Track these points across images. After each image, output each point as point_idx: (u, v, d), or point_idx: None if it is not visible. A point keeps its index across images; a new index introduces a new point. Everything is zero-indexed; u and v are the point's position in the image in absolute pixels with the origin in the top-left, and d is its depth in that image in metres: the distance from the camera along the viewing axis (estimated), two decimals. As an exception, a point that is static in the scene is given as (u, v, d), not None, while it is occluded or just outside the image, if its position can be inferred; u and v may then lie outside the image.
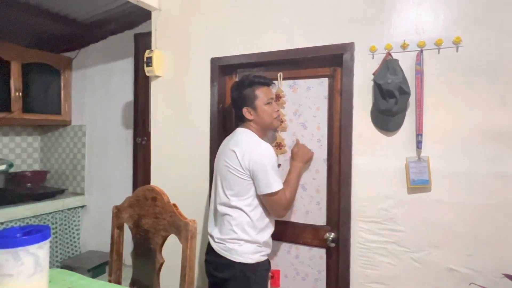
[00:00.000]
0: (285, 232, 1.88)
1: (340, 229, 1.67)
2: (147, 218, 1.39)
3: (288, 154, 1.88)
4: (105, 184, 3.18)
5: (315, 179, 1.82)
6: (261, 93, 1.63)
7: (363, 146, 1.62)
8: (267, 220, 1.61)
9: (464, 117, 1.46)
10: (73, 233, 3.20)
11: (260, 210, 1.58)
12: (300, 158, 1.76)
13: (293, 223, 1.87)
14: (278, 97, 1.89)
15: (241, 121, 1.69)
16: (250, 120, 1.65)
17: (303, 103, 1.85)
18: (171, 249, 1.49)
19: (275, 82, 1.85)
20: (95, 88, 3.23)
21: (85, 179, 3.28)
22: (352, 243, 1.64)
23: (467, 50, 1.45)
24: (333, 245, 1.75)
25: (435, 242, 1.50)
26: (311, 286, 1.84)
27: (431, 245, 1.51)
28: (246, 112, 1.64)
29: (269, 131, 1.80)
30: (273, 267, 1.92)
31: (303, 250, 1.86)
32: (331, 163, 1.78)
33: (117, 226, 1.51)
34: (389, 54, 1.55)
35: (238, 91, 1.67)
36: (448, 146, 1.48)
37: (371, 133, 1.60)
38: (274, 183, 1.52)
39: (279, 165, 1.89)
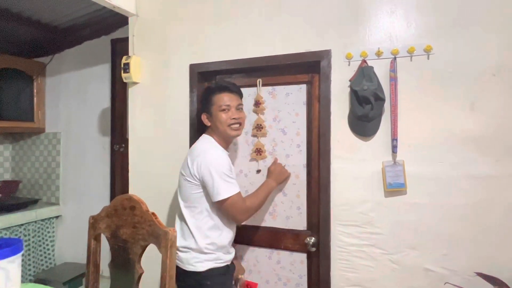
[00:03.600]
0: (265, 237, 1.88)
1: (320, 234, 1.69)
2: (125, 228, 1.36)
3: (268, 159, 1.89)
4: (81, 193, 3.09)
5: (295, 184, 1.84)
6: (218, 99, 1.61)
7: (341, 151, 1.65)
8: (222, 227, 1.59)
9: (436, 122, 1.51)
10: (47, 244, 3.08)
11: (213, 217, 1.57)
12: (274, 176, 1.74)
13: (274, 228, 1.88)
14: (257, 103, 1.90)
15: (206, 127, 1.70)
16: (209, 128, 1.67)
17: (282, 109, 1.87)
18: (150, 259, 1.46)
19: (255, 88, 1.86)
20: (70, 95, 3.14)
21: (60, 188, 3.16)
22: (332, 247, 1.66)
23: (438, 58, 1.51)
24: (313, 249, 1.76)
25: (412, 244, 1.54)
26: None
27: (408, 247, 1.55)
28: (203, 118, 1.66)
29: (227, 140, 1.68)
30: (255, 273, 1.92)
31: (284, 255, 1.86)
32: (311, 168, 1.80)
33: (94, 237, 1.47)
34: (364, 61, 1.59)
35: (201, 97, 1.71)
36: (422, 150, 1.53)
37: (348, 138, 1.64)
38: (222, 191, 1.49)
39: (258, 171, 1.92)
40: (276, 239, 1.87)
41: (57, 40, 3.08)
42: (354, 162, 1.63)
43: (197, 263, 1.53)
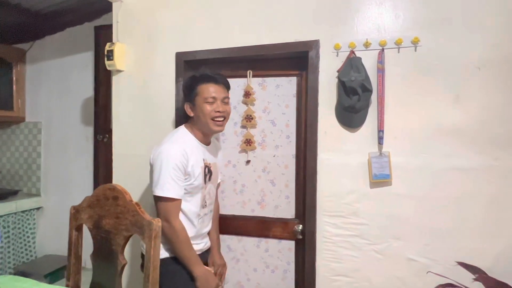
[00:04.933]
0: (254, 227, 1.89)
1: (306, 224, 1.70)
2: (108, 219, 1.33)
3: (259, 150, 1.89)
4: (63, 184, 3.01)
5: (284, 174, 1.86)
6: (203, 90, 1.54)
7: (328, 142, 1.65)
8: (183, 217, 1.51)
9: (422, 113, 1.52)
10: (28, 236, 3.00)
11: None
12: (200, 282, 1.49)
13: (263, 217, 1.89)
14: (247, 94, 1.88)
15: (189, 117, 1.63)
16: (191, 118, 1.60)
17: (272, 101, 1.88)
18: (133, 250, 1.44)
19: (246, 79, 1.84)
20: (52, 83, 3.04)
21: (41, 179, 3.08)
22: (318, 238, 1.67)
23: (424, 50, 1.52)
24: (301, 237, 1.78)
25: (396, 234, 1.56)
26: (281, 277, 1.87)
27: (392, 237, 1.57)
28: (186, 108, 1.59)
29: (207, 133, 1.61)
30: (242, 262, 1.92)
31: (272, 243, 1.87)
32: (300, 158, 1.82)
33: (75, 228, 1.43)
34: (352, 52, 1.59)
35: (184, 86, 1.64)
36: (407, 142, 1.54)
37: (335, 129, 1.64)
38: (159, 187, 1.42)
39: (248, 161, 1.91)
40: (264, 228, 1.87)
41: (38, 26, 2.96)
42: (340, 153, 1.63)
43: (162, 250, 1.46)
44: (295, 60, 1.78)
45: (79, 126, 2.95)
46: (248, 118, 1.89)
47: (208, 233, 1.73)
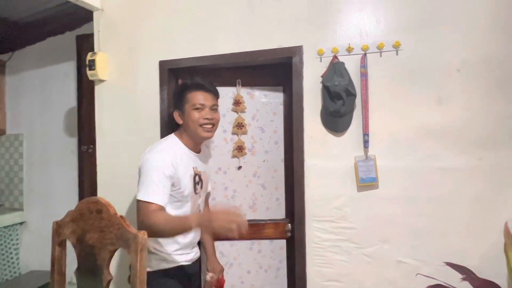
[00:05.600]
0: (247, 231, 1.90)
1: (295, 230, 1.69)
2: (92, 233, 1.29)
3: (249, 156, 1.93)
4: (47, 197, 2.93)
5: (274, 178, 1.93)
6: (192, 97, 1.52)
7: (315, 147, 1.65)
8: None
9: (405, 116, 1.54)
10: (11, 253, 2.91)
11: None
12: (207, 223, 1.29)
13: (255, 220, 1.91)
14: (238, 102, 1.93)
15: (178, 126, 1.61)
16: (181, 126, 1.57)
17: (260, 109, 1.94)
18: (119, 264, 1.40)
19: (235, 88, 1.89)
20: (33, 94, 2.96)
21: (23, 193, 2.99)
22: (308, 243, 1.66)
23: (406, 53, 1.54)
24: (289, 234, 1.84)
25: (384, 237, 1.57)
26: (274, 276, 1.92)
27: (381, 240, 1.57)
28: (175, 115, 1.57)
29: (197, 140, 1.57)
30: (236, 266, 1.93)
31: (264, 244, 1.93)
32: (288, 162, 1.90)
33: (58, 244, 1.38)
34: (335, 57, 1.60)
35: (174, 94, 1.63)
36: (392, 144, 1.56)
37: (321, 134, 1.64)
38: (142, 191, 1.38)
39: (239, 167, 1.93)
40: (257, 230, 1.91)
41: (17, 36, 2.90)
42: (327, 157, 1.64)
43: (149, 263, 1.44)
44: (280, 66, 1.79)
45: (62, 137, 2.89)
46: (239, 126, 1.94)
47: (201, 241, 1.70)
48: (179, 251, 1.53)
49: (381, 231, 1.57)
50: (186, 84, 1.57)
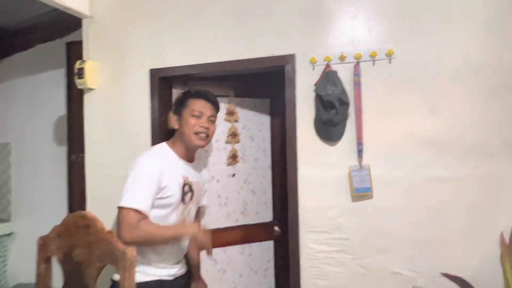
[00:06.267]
0: (238, 235, 1.99)
1: (289, 242, 1.66)
2: (79, 249, 1.25)
3: (240, 164, 2.01)
4: (36, 208, 2.85)
5: (262, 184, 2.08)
6: (192, 103, 1.53)
7: (308, 156, 1.63)
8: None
9: (400, 125, 1.53)
10: (-2, 265, 2.83)
11: None
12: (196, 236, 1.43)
13: (246, 225, 2.01)
14: (231, 112, 1.99)
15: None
16: (176, 132, 1.56)
17: (250, 119, 2.06)
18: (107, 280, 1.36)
19: (228, 97, 1.96)
20: (22, 101, 2.90)
21: (12, 203, 2.91)
22: (302, 255, 1.63)
23: (399, 62, 1.53)
24: (277, 229, 2.06)
25: (380, 247, 1.54)
26: (263, 276, 2.05)
27: (376, 251, 1.55)
28: (173, 119, 1.56)
29: (189, 147, 1.54)
30: (229, 271, 1.95)
31: (255, 246, 2.03)
32: (274, 168, 2.10)
33: (44, 260, 1.34)
34: (328, 65, 1.58)
35: (176, 99, 1.64)
36: (386, 154, 1.54)
37: (314, 143, 1.62)
38: (124, 198, 1.35)
39: (233, 175, 1.98)
40: (248, 234, 2.01)
41: (7, 43, 2.85)
42: (321, 167, 1.61)
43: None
44: (270, 78, 1.84)
45: (52, 146, 2.82)
46: (233, 135, 1.99)
47: (187, 256, 1.66)
48: (161, 264, 1.48)
49: (376, 242, 1.54)
50: (189, 91, 1.60)
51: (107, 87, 1.96)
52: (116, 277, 1.38)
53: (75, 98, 2.73)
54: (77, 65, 1.91)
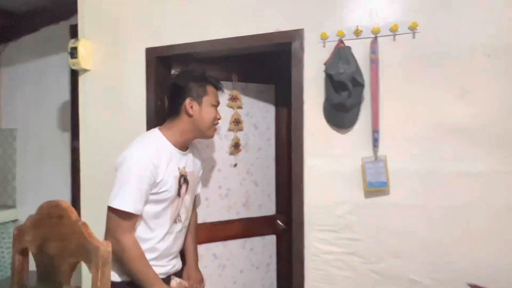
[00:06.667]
0: (240, 229, 1.89)
1: (293, 240, 1.49)
2: (52, 241, 1.12)
3: (243, 153, 1.88)
4: (41, 194, 2.79)
5: (266, 174, 1.96)
6: (212, 92, 1.42)
7: (316, 145, 1.45)
8: (144, 235, 1.33)
9: (424, 110, 1.32)
10: (3, 252, 2.80)
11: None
12: None
13: (247, 218, 1.91)
14: (235, 98, 1.85)
15: (170, 117, 1.42)
16: (180, 118, 1.38)
17: (254, 106, 1.92)
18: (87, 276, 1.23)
19: (232, 82, 1.83)
20: (27, 87, 2.84)
21: (16, 189, 2.88)
22: (306, 255, 1.46)
23: (424, 36, 1.31)
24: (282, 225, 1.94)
25: (396, 251, 1.35)
26: (264, 271, 1.96)
27: (391, 255, 1.36)
28: (188, 104, 1.37)
29: (196, 138, 1.47)
30: (229, 266, 1.87)
31: (256, 241, 1.93)
32: (279, 158, 1.97)
33: (20, 252, 1.22)
34: (341, 41, 1.38)
35: (187, 79, 1.42)
36: (407, 144, 1.33)
37: (324, 130, 1.43)
38: (114, 197, 1.25)
39: (235, 165, 1.82)
40: (249, 227, 1.91)
41: (11, 27, 2.79)
42: (330, 158, 1.43)
43: (113, 272, 1.28)
44: (278, 60, 1.71)
45: (57, 133, 2.76)
46: (236, 122, 1.86)
47: (184, 248, 1.55)
48: (152, 261, 1.34)
49: (392, 244, 1.35)
50: (207, 75, 1.44)
51: (103, 68, 1.84)
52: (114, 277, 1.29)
53: (78, 83, 2.64)
54: (70, 44, 1.80)
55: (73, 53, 1.77)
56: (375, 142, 1.34)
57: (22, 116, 2.87)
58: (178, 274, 1.52)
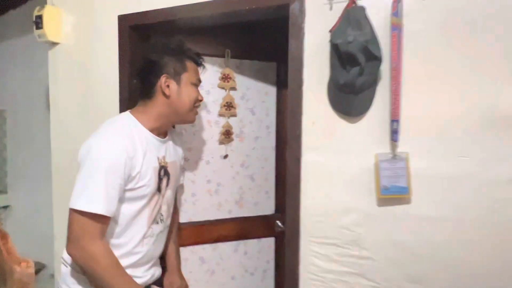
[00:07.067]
0: (232, 230, 1.70)
1: (286, 254, 1.23)
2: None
3: (236, 143, 1.66)
4: (33, 179, 2.69)
5: (264, 168, 1.75)
6: (191, 68, 1.21)
7: (317, 137, 1.17)
8: (117, 241, 1.12)
9: (461, 96, 1.01)
10: (-7, 239, 2.70)
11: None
12: None
13: (241, 218, 1.72)
14: (227, 77, 1.61)
15: (142, 98, 1.19)
16: (155, 100, 1.16)
17: (251, 87, 1.68)
18: None
19: (224, 58, 1.58)
20: (17, 65, 2.68)
21: (8, 174, 2.77)
22: (302, 273, 1.20)
23: (468, -7, 0.98)
24: (281, 227, 1.71)
25: (416, 275, 1.08)
26: (260, 278, 1.78)
27: (410, 280, 1.09)
28: (163, 82, 1.14)
29: (173, 122, 1.28)
30: (218, 272, 1.70)
31: (251, 244, 1.75)
32: (280, 150, 1.74)
33: None
34: (353, 1, 1.06)
35: (162, 52, 1.18)
36: (436, 138, 1.04)
37: (327, 118, 1.15)
38: (81, 197, 1.02)
39: (225, 156, 1.64)
40: (243, 229, 1.72)
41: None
42: (335, 153, 1.15)
43: (71, 282, 1.12)
44: (280, 33, 1.36)
45: (47, 113, 2.59)
46: (228, 106, 1.62)
47: (165, 253, 1.38)
48: (128, 270, 1.12)
49: (412, 266, 1.08)
50: (186, 50, 1.21)
51: (73, 40, 1.60)
52: None
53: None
54: (35, 11, 1.56)
55: (38, 22, 1.53)
56: (394, 135, 1.04)
57: (11, 97, 2.72)
58: (158, 282, 1.33)
